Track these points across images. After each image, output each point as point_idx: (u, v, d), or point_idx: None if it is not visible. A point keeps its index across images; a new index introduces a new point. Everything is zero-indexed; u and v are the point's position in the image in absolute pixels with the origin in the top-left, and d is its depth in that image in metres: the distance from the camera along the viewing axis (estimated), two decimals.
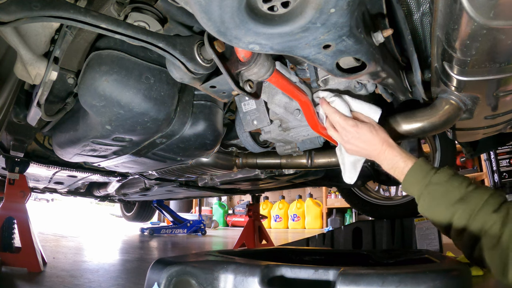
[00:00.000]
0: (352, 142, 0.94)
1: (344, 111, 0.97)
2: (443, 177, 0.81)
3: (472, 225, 0.75)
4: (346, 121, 0.93)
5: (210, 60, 0.91)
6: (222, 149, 1.71)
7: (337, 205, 6.90)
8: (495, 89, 0.88)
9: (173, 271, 0.84)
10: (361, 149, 0.93)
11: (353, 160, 1.02)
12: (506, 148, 3.65)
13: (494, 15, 0.57)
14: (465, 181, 0.80)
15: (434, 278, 0.69)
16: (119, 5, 0.89)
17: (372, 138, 0.90)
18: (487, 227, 0.73)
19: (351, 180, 1.03)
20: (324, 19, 0.60)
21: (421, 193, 0.83)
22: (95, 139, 1.24)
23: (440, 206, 0.79)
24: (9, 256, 1.83)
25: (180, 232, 5.13)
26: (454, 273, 0.71)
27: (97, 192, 3.67)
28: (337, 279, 0.73)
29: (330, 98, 0.99)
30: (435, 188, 0.80)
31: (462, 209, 0.76)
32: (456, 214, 0.77)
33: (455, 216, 0.77)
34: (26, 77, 1.01)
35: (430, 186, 0.81)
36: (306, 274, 0.80)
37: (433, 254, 1.12)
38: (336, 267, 0.77)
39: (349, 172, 1.03)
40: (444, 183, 0.80)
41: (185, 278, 0.82)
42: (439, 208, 0.79)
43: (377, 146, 0.90)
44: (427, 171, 0.83)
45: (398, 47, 0.94)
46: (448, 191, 0.79)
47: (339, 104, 0.97)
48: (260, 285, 0.77)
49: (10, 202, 1.95)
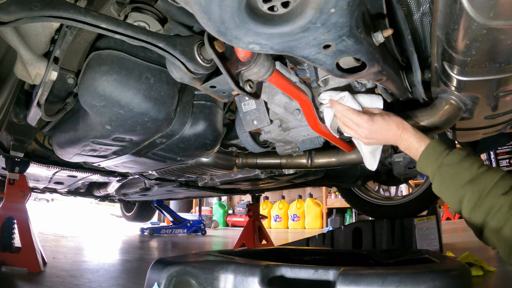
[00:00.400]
0: (370, 137, 0.94)
1: (355, 107, 0.97)
2: (454, 158, 0.81)
3: (481, 207, 0.76)
4: (361, 117, 0.94)
5: (210, 60, 0.91)
6: (222, 149, 1.71)
7: (337, 205, 6.91)
8: (495, 89, 0.88)
9: (173, 271, 0.84)
10: (379, 140, 0.95)
11: (371, 149, 1.04)
12: (506, 148, 3.65)
13: (494, 15, 0.57)
14: (476, 162, 0.80)
15: (434, 278, 0.69)
16: (119, 5, 0.89)
17: (388, 126, 0.91)
18: (495, 210, 0.74)
19: (372, 167, 1.06)
20: (324, 19, 0.60)
21: (434, 175, 0.84)
22: (95, 139, 1.24)
23: (451, 188, 0.80)
24: (9, 256, 1.83)
25: (180, 232, 5.13)
26: (454, 273, 0.72)
27: (97, 192, 3.67)
28: (337, 279, 0.73)
29: (338, 96, 0.99)
30: (446, 169, 0.81)
31: (471, 191, 0.77)
32: (466, 195, 0.78)
33: (465, 198, 0.78)
34: (26, 77, 1.01)
35: (442, 168, 0.82)
36: (306, 274, 0.80)
37: (433, 254, 1.12)
38: (336, 267, 0.77)
39: (369, 161, 1.05)
40: (455, 164, 0.81)
41: (185, 278, 0.82)
42: (450, 190, 0.81)
43: (394, 131, 0.91)
44: (440, 152, 0.84)
45: (398, 47, 0.94)
46: (458, 173, 0.80)
47: (350, 101, 0.97)
48: (260, 285, 0.77)
49: (10, 202, 1.95)
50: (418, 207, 2.78)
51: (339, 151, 1.63)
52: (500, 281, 1.74)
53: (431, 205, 2.64)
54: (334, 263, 1.14)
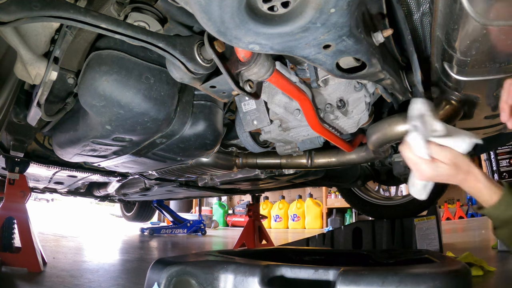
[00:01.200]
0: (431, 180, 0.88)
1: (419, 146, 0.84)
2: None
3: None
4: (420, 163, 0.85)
5: (210, 60, 0.91)
6: (222, 149, 1.71)
7: (337, 205, 6.91)
8: (495, 89, 0.88)
9: (173, 271, 0.84)
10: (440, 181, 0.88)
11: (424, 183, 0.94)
12: (506, 148, 3.66)
13: (494, 15, 0.57)
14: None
15: (434, 278, 0.69)
16: (119, 5, 0.89)
17: (451, 177, 0.85)
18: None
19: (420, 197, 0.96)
20: (324, 19, 0.60)
21: (501, 226, 0.83)
22: (95, 139, 1.24)
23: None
24: (9, 256, 1.83)
25: (180, 232, 5.13)
26: (454, 273, 0.72)
27: (97, 192, 3.67)
28: (337, 279, 0.74)
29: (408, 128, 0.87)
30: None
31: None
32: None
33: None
34: (26, 77, 1.01)
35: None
36: (306, 274, 0.80)
37: (433, 254, 1.12)
38: (336, 267, 0.77)
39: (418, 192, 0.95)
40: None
41: (185, 278, 0.83)
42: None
43: (457, 179, 0.85)
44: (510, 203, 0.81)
45: (398, 47, 0.94)
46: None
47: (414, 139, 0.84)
48: (260, 285, 0.77)
49: (10, 202, 1.95)
50: (418, 207, 2.78)
51: (339, 151, 1.63)
52: (500, 281, 1.74)
53: (431, 205, 2.64)
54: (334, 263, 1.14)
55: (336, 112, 1.14)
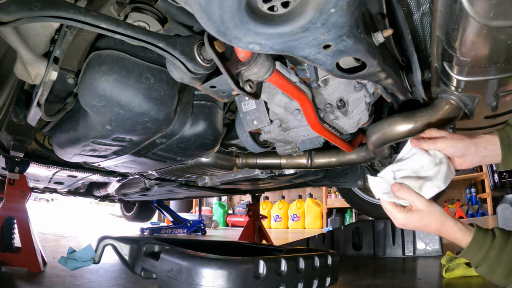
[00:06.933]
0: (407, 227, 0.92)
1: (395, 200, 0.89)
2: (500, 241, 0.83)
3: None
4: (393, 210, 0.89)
5: (210, 60, 0.91)
6: (222, 149, 1.71)
7: (337, 205, 6.91)
8: (495, 89, 0.88)
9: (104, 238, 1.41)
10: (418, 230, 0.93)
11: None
12: None
13: (494, 15, 0.57)
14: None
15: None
16: (119, 5, 0.89)
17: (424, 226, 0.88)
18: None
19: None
20: (324, 19, 0.60)
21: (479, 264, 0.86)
22: (95, 139, 1.24)
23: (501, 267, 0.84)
24: (9, 256, 1.83)
25: (180, 232, 5.13)
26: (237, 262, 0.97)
27: (97, 192, 3.67)
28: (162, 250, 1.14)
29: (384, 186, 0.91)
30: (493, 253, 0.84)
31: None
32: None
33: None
34: (26, 77, 1.01)
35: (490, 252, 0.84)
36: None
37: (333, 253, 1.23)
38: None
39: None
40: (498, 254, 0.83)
41: (109, 242, 1.40)
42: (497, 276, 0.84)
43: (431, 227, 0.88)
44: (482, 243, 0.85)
45: (398, 47, 0.94)
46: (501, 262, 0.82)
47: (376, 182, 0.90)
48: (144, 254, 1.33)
49: (10, 202, 1.94)
50: None
51: (339, 151, 1.63)
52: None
53: None
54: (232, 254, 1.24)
55: (336, 112, 1.14)
